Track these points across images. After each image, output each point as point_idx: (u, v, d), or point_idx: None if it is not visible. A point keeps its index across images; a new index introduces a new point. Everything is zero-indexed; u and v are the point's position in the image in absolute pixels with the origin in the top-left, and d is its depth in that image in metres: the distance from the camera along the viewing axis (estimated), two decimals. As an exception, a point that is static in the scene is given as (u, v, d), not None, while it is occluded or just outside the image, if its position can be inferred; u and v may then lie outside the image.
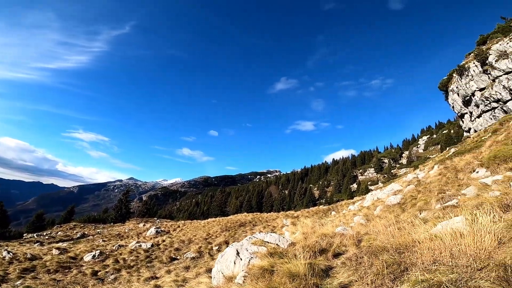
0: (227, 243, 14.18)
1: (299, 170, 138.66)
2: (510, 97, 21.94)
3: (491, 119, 23.64)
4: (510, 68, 22.44)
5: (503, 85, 22.59)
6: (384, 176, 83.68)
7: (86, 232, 24.43)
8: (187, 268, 10.39)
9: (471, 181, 10.02)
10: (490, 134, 16.54)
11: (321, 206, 32.09)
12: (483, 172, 10.49)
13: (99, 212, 46.15)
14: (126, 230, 24.37)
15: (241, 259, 4.43)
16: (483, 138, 17.32)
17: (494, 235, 2.41)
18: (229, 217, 28.87)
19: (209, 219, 27.97)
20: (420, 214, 8.89)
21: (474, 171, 11.14)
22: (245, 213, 31.63)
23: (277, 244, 4.91)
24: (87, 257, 12.89)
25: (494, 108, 23.72)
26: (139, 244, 15.30)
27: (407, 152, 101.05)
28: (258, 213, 30.03)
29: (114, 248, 15.03)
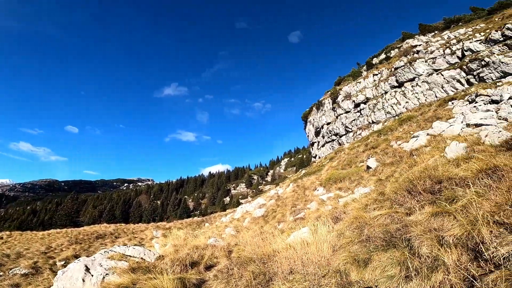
0: (77, 257, 11.68)
1: (174, 180, 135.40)
2: (344, 132, 30.08)
3: (331, 148, 31.53)
4: (349, 108, 30.85)
5: (342, 122, 30.78)
6: (253, 191, 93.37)
7: None
8: (16, 286, 8.78)
9: (314, 197, 12.56)
10: (328, 160, 21.88)
11: (195, 217, 31.94)
12: (321, 190, 13.47)
13: None
14: None
15: (92, 276, 3.64)
16: (323, 163, 22.61)
17: (330, 244, 3.03)
18: (82, 228, 23.91)
19: (51, 230, 23.17)
20: (279, 225, 10.42)
21: (316, 189, 14.09)
22: (105, 224, 27.32)
23: (142, 258, 4.43)
24: None
25: (333, 140, 31.80)
26: None
27: (272, 171, 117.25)
28: (123, 224, 27.01)
29: None
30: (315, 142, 37.56)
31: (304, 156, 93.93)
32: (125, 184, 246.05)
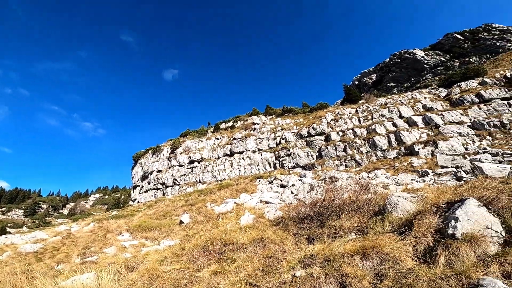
0: None
1: None
2: (172, 184, 29.78)
3: (153, 196, 29.94)
4: (184, 163, 31.39)
5: (173, 174, 30.59)
6: (34, 222, 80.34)
7: None
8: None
9: (116, 242, 11.85)
10: (146, 207, 20.44)
11: None
12: (127, 236, 12.79)
13: None
14: None
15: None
16: (140, 209, 20.85)
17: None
18: None
19: None
20: (58, 265, 9.53)
21: (121, 234, 13.21)
22: None
23: None
24: None
25: (159, 189, 30.60)
26: None
27: (73, 204, 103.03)
28: None
29: None
30: (139, 185, 34.73)
31: (122, 197, 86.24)
32: None
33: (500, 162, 9.61)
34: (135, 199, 33.26)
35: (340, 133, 23.92)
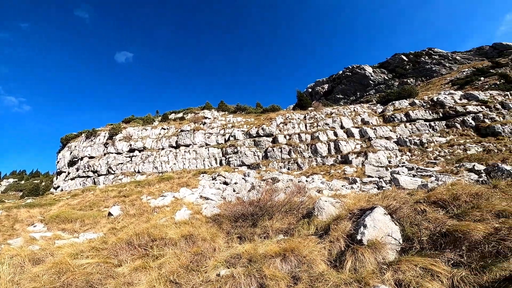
0: None
1: None
2: (106, 173, 27.21)
3: (81, 185, 26.99)
4: (123, 151, 28.93)
5: (108, 161, 27.90)
6: None
7: None
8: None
9: (25, 233, 10.76)
10: (70, 197, 18.36)
11: None
12: (40, 227, 11.57)
13: None
14: None
15: None
16: (62, 198, 18.63)
17: None
18: None
19: None
20: None
21: (33, 224, 11.94)
22: None
23: None
24: None
25: (89, 177, 27.69)
26: None
27: None
28: None
29: None
30: (65, 172, 30.96)
31: (43, 183, 75.68)
32: None
33: (414, 176, 11.23)
34: (58, 186, 29.54)
35: (287, 137, 24.99)
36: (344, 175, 15.24)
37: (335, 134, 23.41)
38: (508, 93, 23.50)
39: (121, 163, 27.47)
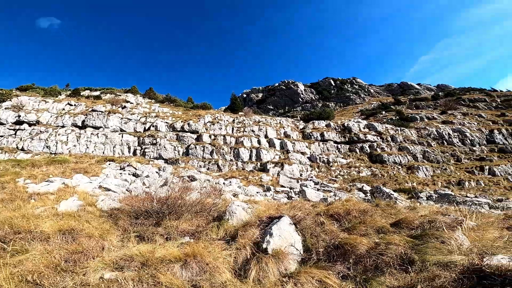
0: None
1: None
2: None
3: None
4: (7, 122, 23.13)
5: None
6: None
7: None
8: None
9: None
10: None
11: None
12: None
13: None
14: None
15: None
16: None
17: None
18: None
19: None
20: None
21: None
22: None
23: None
24: None
25: None
26: None
27: None
28: None
29: None
30: None
31: None
32: None
33: (318, 190, 12.46)
34: None
35: (213, 136, 24.63)
36: (261, 182, 15.81)
37: (259, 142, 24.27)
38: (398, 128, 28.81)
39: (1, 136, 21.99)
